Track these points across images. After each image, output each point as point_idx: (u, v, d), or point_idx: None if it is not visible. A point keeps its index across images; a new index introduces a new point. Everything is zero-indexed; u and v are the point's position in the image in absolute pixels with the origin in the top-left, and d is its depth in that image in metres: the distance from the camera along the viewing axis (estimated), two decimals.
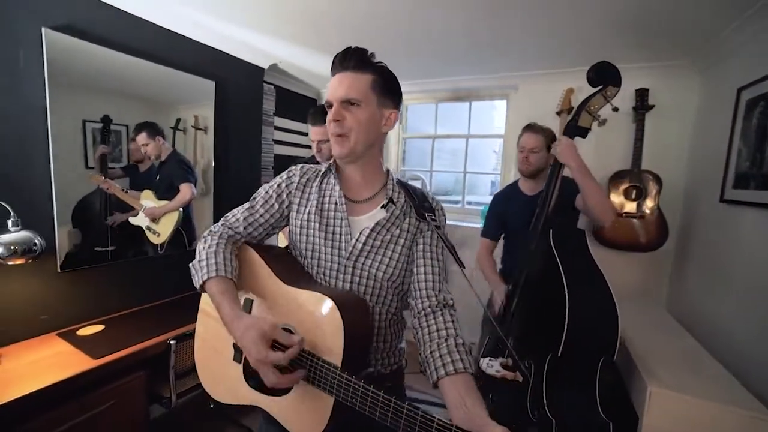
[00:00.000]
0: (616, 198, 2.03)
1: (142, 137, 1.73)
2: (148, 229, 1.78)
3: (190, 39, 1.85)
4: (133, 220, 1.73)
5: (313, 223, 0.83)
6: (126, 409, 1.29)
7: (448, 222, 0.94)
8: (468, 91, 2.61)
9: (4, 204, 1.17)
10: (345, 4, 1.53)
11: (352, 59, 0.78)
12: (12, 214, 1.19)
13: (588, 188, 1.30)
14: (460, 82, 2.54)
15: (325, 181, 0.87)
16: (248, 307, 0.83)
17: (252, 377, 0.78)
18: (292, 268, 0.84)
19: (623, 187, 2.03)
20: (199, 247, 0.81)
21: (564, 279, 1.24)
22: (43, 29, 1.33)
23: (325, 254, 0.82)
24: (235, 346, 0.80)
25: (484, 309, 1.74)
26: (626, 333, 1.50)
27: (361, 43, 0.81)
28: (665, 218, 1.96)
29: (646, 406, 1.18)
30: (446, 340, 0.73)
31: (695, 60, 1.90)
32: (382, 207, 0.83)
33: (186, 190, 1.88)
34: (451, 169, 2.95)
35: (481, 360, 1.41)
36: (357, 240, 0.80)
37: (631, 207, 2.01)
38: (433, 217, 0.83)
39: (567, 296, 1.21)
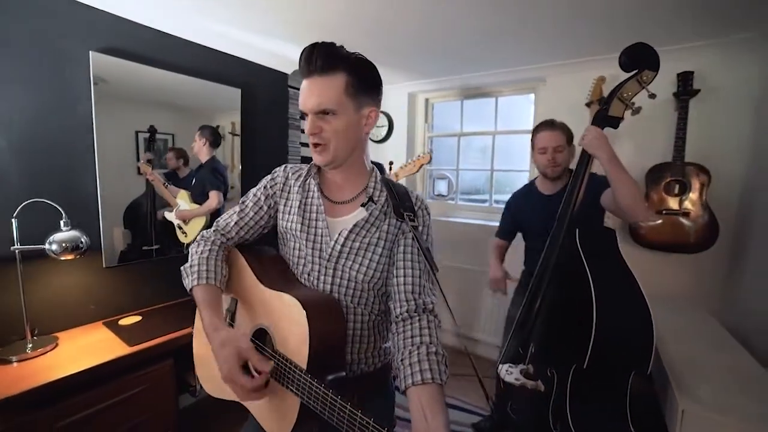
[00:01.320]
0: (656, 195, 1.86)
1: (197, 134, 1.94)
2: (179, 227, 1.94)
3: (217, 50, 1.99)
4: (167, 215, 1.89)
5: (295, 224, 0.83)
6: (157, 394, 1.41)
7: (474, 222, 0.90)
8: (493, 86, 2.53)
9: (57, 206, 1.34)
10: (360, 9, 1.55)
11: (318, 59, 0.71)
12: (63, 215, 1.35)
13: (620, 181, 1.19)
14: (484, 77, 2.46)
15: (308, 181, 0.87)
16: (234, 306, 0.88)
17: None
18: (274, 269, 0.86)
19: (664, 181, 1.85)
20: (192, 250, 0.84)
21: (591, 283, 1.14)
22: (90, 53, 1.50)
23: (307, 255, 0.82)
24: None
25: (507, 312, 1.70)
26: (663, 341, 1.37)
27: (379, 45, 0.77)
28: (715, 215, 1.76)
29: (678, 428, 1.06)
30: (419, 347, 0.71)
31: (760, 34, 1.66)
32: (361, 206, 0.82)
33: (214, 198, 2.02)
34: (482, 167, 2.87)
35: (500, 366, 1.35)
36: (336, 242, 0.80)
37: (673, 203, 1.83)
38: (411, 217, 0.80)
39: (594, 303, 1.11)
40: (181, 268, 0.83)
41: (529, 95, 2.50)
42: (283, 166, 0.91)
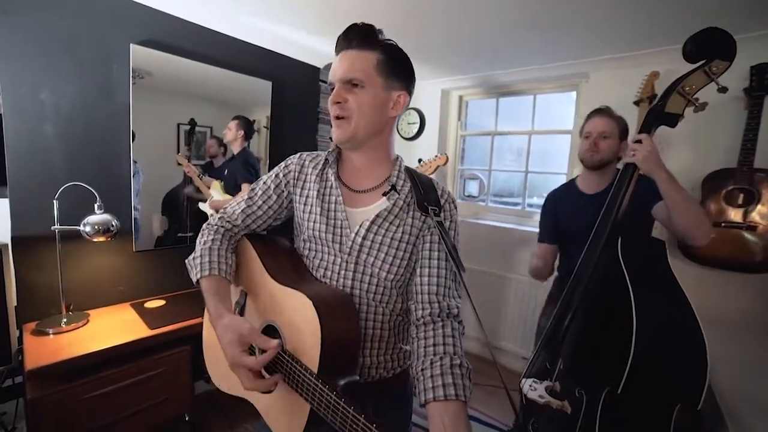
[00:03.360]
0: (714, 204, 1.65)
1: (232, 123, 1.97)
2: (211, 216, 1.99)
3: (251, 43, 2.02)
4: (201, 206, 1.95)
5: (314, 215, 0.79)
6: (174, 377, 1.45)
7: (505, 225, 0.84)
8: (531, 83, 2.38)
9: (93, 190, 1.41)
10: (394, 2, 1.50)
11: (355, 36, 0.72)
12: (98, 199, 1.42)
13: (680, 202, 1.07)
14: (521, 74, 2.32)
15: (327, 169, 0.82)
16: (243, 299, 0.84)
17: None
18: (286, 263, 0.82)
19: (725, 190, 1.64)
20: (197, 240, 0.82)
21: (632, 300, 1.01)
22: (130, 45, 1.57)
23: (327, 248, 0.78)
24: None
25: (538, 322, 1.56)
26: (716, 372, 1.19)
27: (412, 39, 0.75)
28: None
29: None
30: (441, 358, 0.65)
31: None
32: (383, 195, 0.77)
33: (245, 190, 2.04)
34: (515, 168, 2.73)
35: (523, 381, 1.24)
36: (356, 234, 0.75)
37: (735, 215, 1.61)
38: (437, 212, 0.75)
39: (634, 321, 0.98)
40: (186, 261, 0.81)
41: (570, 93, 2.33)
42: (298, 154, 0.87)
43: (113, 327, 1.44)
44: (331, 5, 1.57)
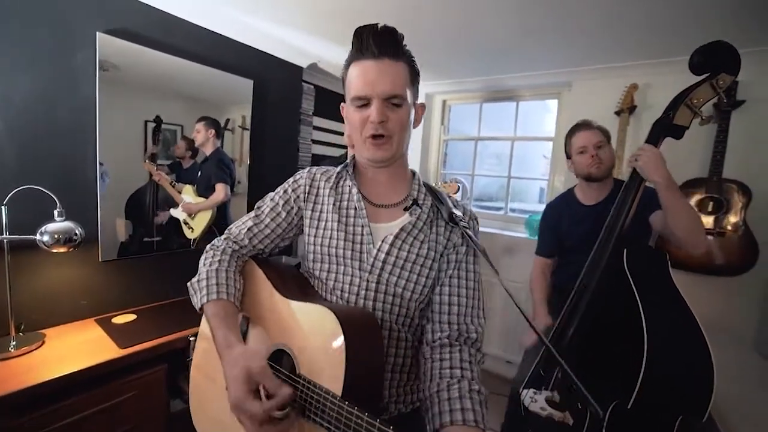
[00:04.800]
0: None
1: (199, 125, 1.83)
2: (185, 223, 1.85)
3: (231, 39, 1.90)
4: (173, 212, 1.80)
5: (330, 231, 0.73)
6: (148, 401, 1.31)
7: (489, 230, 0.82)
8: (515, 89, 2.42)
9: (51, 195, 1.25)
10: (384, 3, 1.46)
11: (389, 44, 0.65)
12: (58, 204, 1.26)
13: (678, 209, 1.08)
14: (506, 80, 2.36)
15: (342, 183, 0.76)
16: (245, 326, 0.76)
17: None
18: (296, 285, 0.76)
19: (697, 198, 1.74)
20: (201, 262, 0.75)
21: (641, 312, 1.01)
22: (97, 33, 1.42)
23: (345, 266, 0.71)
24: None
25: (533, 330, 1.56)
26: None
27: None
28: (754, 236, 1.64)
29: None
30: (459, 381, 0.60)
31: None
32: (405, 209, 0.72)
33: (220, 191, 1.93)
34: (496, 174, 2.77)
35: (524, 392, 1.22)
36: (379, 250, 0.69)
37: (707, 222, 1.71)
38: (465, 224, 0.71)
39: (645, 334, 0.98)
40: (188, 284, 0.73)
41: (545, 102, 2.40)
42: (308, 168, 0.81)
43: (75, 348, 1.28)
44: (315, 2, 1.51)
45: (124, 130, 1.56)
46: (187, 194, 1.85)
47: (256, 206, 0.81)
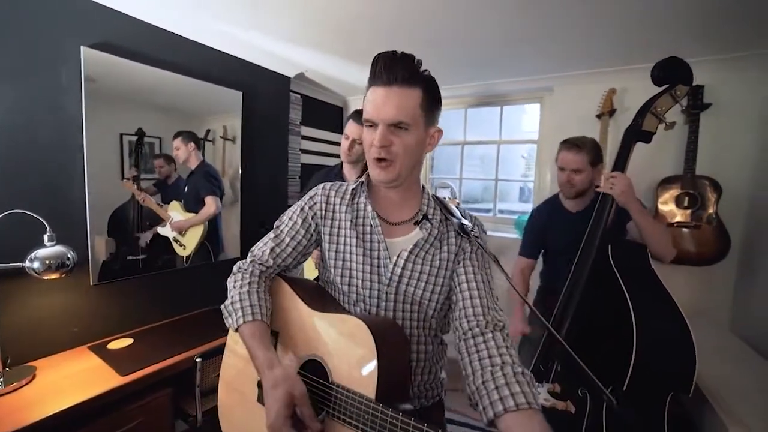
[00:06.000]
0: (665, 206, 1.86)
1: (177, 141, 1.77)
2: (175, 240, 1.79)
3: (218, 50, 1.87)
4: (161, 230, 1.74)
5: (350, 247, 0.77)
6: (153, 427, 1.26)
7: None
8: (499, 95, 2.50)
9: (40, 219, 1.19)
10: (371, 10, 1.48)
11: (400, 71, 0.67)
12: (48, 228, 1.20)
13: (651, 231, 1.23)
14: (491, 86, 2.44)
15: (357, 200, 0.80)
16: (274, 339, 0.78)
17: None
18: (321, 296, 0.80)
19: (674, 194, 1.86)
20: (230, 284, 0.77)
21: (629, 301, 1.11)
22: (81, 48, 1.36)
23: (364, 280, 0.76)
24: (260, 384, 0.75)
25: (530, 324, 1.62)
26: None
27: (383, 48, 0.73)
28: (725, 228, 1.77)
29: None
30: (502, 367, 0.62)
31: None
32: (415, 224, 0.77)
33: (211, 203, 1.88)
34: (479, 176, 2.84)
35: None
36: (395, 264, 0.75)
37: (683, 216, 1.83)
38: (476, 233, 0.77)
39: (633, 321, 1.08)
40: (222, 306, 0.76)
41: (524, 106, 2.50)
42: (321, 185, 0.84)
43: (70, 379, 1.21)
44: (304, 12, 1.51)
45: (105, 145, 1.50)
46: (175, 211, 1.79)
47: (275, 226, 0.83)
